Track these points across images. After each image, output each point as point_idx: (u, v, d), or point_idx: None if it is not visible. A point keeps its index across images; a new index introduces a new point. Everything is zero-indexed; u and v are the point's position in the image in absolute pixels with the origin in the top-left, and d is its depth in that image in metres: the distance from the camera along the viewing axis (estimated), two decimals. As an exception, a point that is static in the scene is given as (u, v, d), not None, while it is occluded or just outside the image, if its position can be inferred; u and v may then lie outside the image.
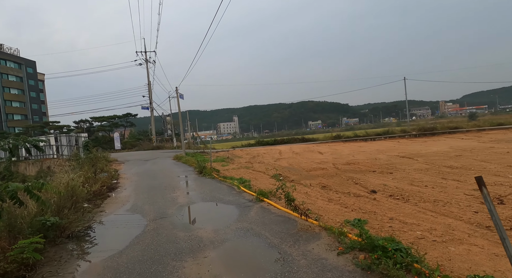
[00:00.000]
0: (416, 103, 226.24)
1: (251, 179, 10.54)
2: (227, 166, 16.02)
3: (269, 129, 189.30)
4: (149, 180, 11.88)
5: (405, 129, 30.94)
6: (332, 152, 19.24)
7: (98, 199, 8.48)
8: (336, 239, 3.89)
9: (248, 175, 12.17)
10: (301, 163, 15.21)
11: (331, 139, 30.50)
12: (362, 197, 6.93)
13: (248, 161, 17.99)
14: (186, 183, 10.85)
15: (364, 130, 33.22)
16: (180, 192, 8.82)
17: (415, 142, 21.24)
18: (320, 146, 24.17)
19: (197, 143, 44.78)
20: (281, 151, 21.76)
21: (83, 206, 7.44)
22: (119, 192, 9.71)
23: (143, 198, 8.26)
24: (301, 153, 19.99)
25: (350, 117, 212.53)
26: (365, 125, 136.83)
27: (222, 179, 10.63)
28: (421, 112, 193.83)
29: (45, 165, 28.30)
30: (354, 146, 22.18)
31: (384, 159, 13.91)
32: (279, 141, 31.25)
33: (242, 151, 24.64)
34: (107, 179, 12.37)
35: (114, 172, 15.70)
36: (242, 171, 13.57)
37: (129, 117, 48.16)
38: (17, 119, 55.31)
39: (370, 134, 30.49)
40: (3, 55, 54.83)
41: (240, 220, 5.32)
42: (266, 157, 19.48)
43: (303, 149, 22.10)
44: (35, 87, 61.02)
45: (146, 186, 10.35)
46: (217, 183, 9.88)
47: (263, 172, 13.08)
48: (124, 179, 13.22)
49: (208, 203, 7.15)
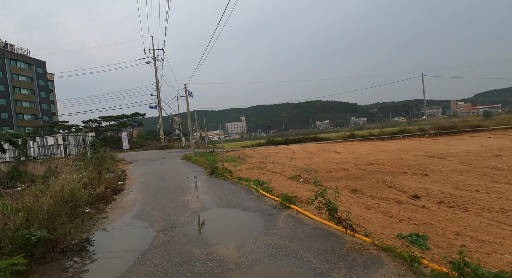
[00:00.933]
0: (427, 102, 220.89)
1: (269, 181, 9.60)
2: (239, 167, 15.12)
3: (277, 128, 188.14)
4: (157, 181, 11.05)
5: (423, 128, 29.47)
6: (350, 151, 18.12)
7: (102, 202, 7.67)
8: (408, 267, 2.90)
9: (264, 176, 11.22)
10: (318, 163, 14.18)
11: (344, 138, 29.30)
12: (406, 203, 5.90)
13: (261, 161, 17.04)
14: (197, 185, 9.96)
15: (379, 129, 31.86)
16: (192, 195, 7.93)
17: (438, 141, 19.91)
18: (335, 145, 23.03)
19: (205, 143, 44.12)
20: (294, 151, 20.74)
21: (84, 212, 6.63)
22: (125, 194, 8.89)
23: (151, 202, 7.40)
24: (316, 153, 18.93)
25: (358, 116, 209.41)
26: (374, 124, 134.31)
27: (237, 180, 9.71)
28: (431, 111, 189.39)
29: (53, 165, 27.97)
30: (372, 145, 20.97)
31: (411, 159, 12.76)
32: (290, 140, 30.21)
33: (253, 150, 23.71)
34: (113, 180, 11.61)
35: (121, 172, 14.99)
36: (256, 172, 12.63)
37: (137, 117, 47.81)
38: (27, 119, 55.71)
39: (386, 133, 29.15)
40: (14, 56, 55.29)
41: (268, 233, 4.36)
42: (279, 157, 18.50)
43: (317, 149, 21.02)
44: (44, 87, 61.43)
45: (154, 188, 9.52)
46: (232, 185, 8.95)
47: (279, 173, 12.12)
48: (131, 180, 12.45)
49: (224, 209, 6.22)
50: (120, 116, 47.48)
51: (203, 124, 69.62)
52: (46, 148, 30.00)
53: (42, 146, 30.23)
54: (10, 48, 55.41)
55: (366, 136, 28.99)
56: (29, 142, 30.58)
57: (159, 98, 35.29)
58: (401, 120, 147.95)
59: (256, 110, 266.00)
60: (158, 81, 35.47)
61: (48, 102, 62.10)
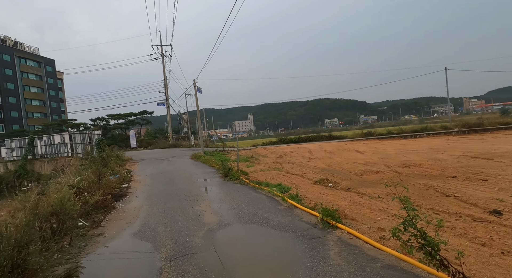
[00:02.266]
0: (438, 99, 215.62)
1: (291, 185, 8.27)
2: (253, 167, 13.84)
3: (285, 127, 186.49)
4: (165, 185, 9.86)
5: (445, 125, 27.55)
6: (373, 151, 16.60)
7: (100, 212, 6.48)
8: None
9: (285, 179, 9.90)
10: (341, 164, 12.76)
11: (361, 136, 27.68)
12: (489, 222, 4.47)
13: (276, 161, 15.72)
14: (210, 189, 8.70)
15: (397, 127, 30.07)
16: (205, 204, 6.66)
17: (471, 140, 18.17)
18: (354, 144, 21.48)
19: (213, 141, 43.03)
20: (310, 150, 19.32)
21: (77, 226, 5.45)
22: (128, 201, 7.70)
23: (158, 213, 6.17)
24: (336, 152, 17.48)
25: (367, 114, 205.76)
26: (384, 122, 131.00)
27: (256, 185, 8.41)
28: (443, 109, 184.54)
29: (59, 164, 27.32)
30: (396, 144, 19.36)
31: (451, 160, 11.21)
32: (304, 139, 28.77)
33: (266, 149, 22.39)
34: (116, 183, 10.47)
35: (127, 173, 13.92)
36: (274, 174, 11.32)
37: (145, 115, 47.09)
38: (37, 117, 55.78)
39: (406, 131, 27.38)
40: (24, 54, 55.35)
41: (321, 274, 3.03)
42: (296, 157, 17.13)
43: (336, 148, 19.55)
44: (54, 86, 61.48)
45: (161, 194, 8.31)
46: (251, 192, 7.65)
47: (301, 175, 10.76)
48: (136, 182, 11.31)
49: (249, 226, 4.92)
50: (128, 114, 46.83)
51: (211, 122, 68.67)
52: (53, 147, 29.32)
53: (49, 145, 29.58)
54: (20, 47, 55.49)
55: (385, 134, 27.30)
56: (36, 140, 29.98)
57: (167, 96, 34.31)
58: (411, 118, 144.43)
59: (264, 109, 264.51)
60: (166, 77, 34.47)
61: (57, 100, 62.16)
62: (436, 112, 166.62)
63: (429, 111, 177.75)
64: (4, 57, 51.23)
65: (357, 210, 5.59)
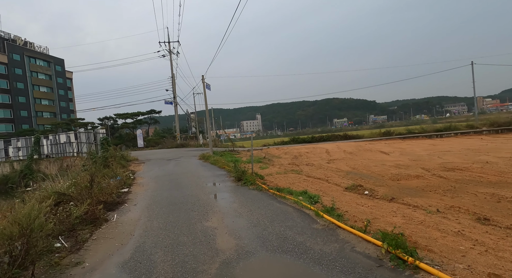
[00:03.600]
0: (450, 99, 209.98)
1: (319, 193, 6.86)
2: (267, 169, 12.46)
3: (293, 127, 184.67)
4: (170, 190, 8.58)
5: (472, 124, 25.53)
6: (400, 151, 14.99)
7: (87, 227, 5.21)
8: None
9: (307, 185, 8.48)
10: (369, 167, 11.26)
11: (379, 135, 25.97)
12: None
13: (292, 163, 14.30)
14: (222, 197, 7.35)
15: (419, 126, 28.20)
16: (217, 218, 5.32)
17: (510, 140, 16.31)
18: (374, 144, 19.84)
19: (221, 141, 41.86)
20: (328, 150, 17.80)
21: (52, 247, 4.18)
22: (124, 211, 6.43)
23: (158, 230, 4.86)
24: (357, 153, 15.92)
25: (377, 114, 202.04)
26: (395, 122, 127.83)
27: (276, 192, 7.01)
28: (456, 109, 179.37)
29: (65, 163, 26.58)
30: (423, 144, 17.65)
31: (503, 163, 9.56)
32: (317, 138, 27.22)
33: (278, 150, 20.97)
34: (115, 188, 9.26)
35: (130, 175, 12.75)
36: (293, 178, 9.90)
37: (153, 114, 46.34)
38: (46, 117, 55.78)
39: (428, 130, 25.50)
40: (33, 53, 55.44)
41: None
42: (313, 158, 15.67)
43: (355, 148, 17.97)
44: (63, 85, 61.51)
45: (165, 202, 7.01)
46: (272, 201, 6.26)
47: (325, 180, 9.32)
48: (138, 185, 10.09)
49: (280, 258, 3.52)
50: (135, 114, 46.18)
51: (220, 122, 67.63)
52: (59, 146, 28.60)
53: (54, 144, 28.87)
54: (29, 46, 55.62)
55: (405, 134, 25.52)
56: (42, 139, 29.34)
57: (175, 94, 33.28)
58: (423, 118, 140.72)
59: (272, 108, 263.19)
60: (173, 75, 33.45)
61: (66, 100, 62.17)
62: (449, 112, 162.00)
63: (441, 110, 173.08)
64: (14, 57, 51.33)
65: (421, 232, 4.14)
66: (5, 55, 49.82)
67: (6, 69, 49.84)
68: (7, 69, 49.97)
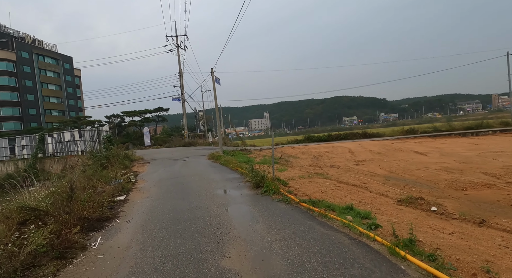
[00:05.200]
0: (463, 96, 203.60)
1: (363, 206, 5.16)
2: (287, 172, 10.78)
3: (302, 125, 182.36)
4: (174, 200, 7.01)
5: (507, 121, 23.17)
6: (437, 151, 13.08)
7: (52, 262, 3.65)
8: None
9: (343, 194, 6.78)
10: (410, 170, 9.45)
11: (402, 134, 23.95)
12: None
13: (313, 164, 12.58)
14: (241, 214, 5.66)
15: (446, 123, 26.00)
16: (238, 252, 3.67)
17: None
18: (402, 143, 17.89)
19: (230, 139, 40.33)
20: (351, 150, 15.98)
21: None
22: (112, 232, 4.87)
23: (151, 271, 3.26)
24: (386, 153, 14.05)
25: (388, 112, 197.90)
26: (406, 120, 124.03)
27: (311, 207, 5.31)
28: (470, 106, 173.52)
29: (69, 162, 25.53)
30: (461, 143, 15.64)
31: None
32: (334, 136, 25.35)
33: (294, 149, 19.25)
34: (108, 195, 7.76)
35: (131, 177, 11.28)
36: (322, 184, 8.20)
37: (160, 112, 45.13)
38: (55, 115, 55.43)
39: (457, 127, 23.31)
40: (42, 51, 55.08)
41: None
42: (336, 158, 13.91)
43: (382, 147, 16.08)
44: (71, 83, 61.12)
45: (166, 218, 5.43)
46: (311, 222, 4.56)
47: (363, 187, 7.59)
48: (138, 192, 8.57)
49: None
50: (143, 111, 45.06)
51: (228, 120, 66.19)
52: (63, 144, 27.54)
53: (59, 142, 27.84)
54: (38, 44, 55.28)
55: (431, 132, 23.40)
56: (47, 137, 28.36)
57: (183, 90, 31.88)
58: (435, 116, 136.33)
59: (280, 107, 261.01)
60: (181, 71, 32.03)
61: (75, 97, 61.80)
62: (462, 110, 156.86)
63: (454, 108, 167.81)
64: (22, 54, 51.01)
65: None
66: (13, 53, 49.50)
67: (14, 66, 49.54)
68: (16, 66, 49.66)
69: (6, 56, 48.51)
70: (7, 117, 48.29)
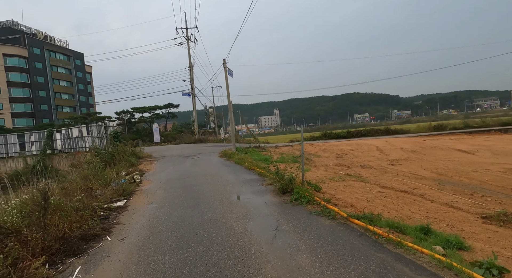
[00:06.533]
0: (480, 93, 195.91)
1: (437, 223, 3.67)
2: (311, 172, 9.33)
3: (312, 122, 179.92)
4: (182, 208, 5.67)
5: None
6: (486, 149, 11.29)
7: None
8: None
9: (396, 203, 5.29)
10: (465, 173, 7.83)
11: (430, 130, 21.99)
12: None
13: (340, 164, 11.05)
14: (271, 234, 4.23)
15: (479, 119, 23.84)
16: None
17: None
18: (436, 139, 16.06)
19: (241, 136, 39.03)
20: (379, 148, 14.32)
21: None
22: (98, 258, 3.55)
23: None
24: (423, 152, 12.34)
25: (401, 109, 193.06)
26: (422, 117, 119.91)
27: (367, 226, 3.85)
28: (488, 103, 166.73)
29: (77, 159, 24.79)
30: (510, 140, 13.73)
31: None
32: (354, 133, 23.61)
33: (313, 146, 17.70)
34: (105, 200, 6.52)
35: (137, 176, 10.07)
36: (361, 189, 6.71)
37: (170, 107, 44.27)
38: (66, 111, 55.50)
39: (491, 124, 21.16)
40: (53, 47, 55.07)
41: None
42: (363, 157, 12.32)
43: (414, 145, 14.33)
44: (83, 79, 61.10)
45: (172, 236, 4.08)
46: (383, 256, 3.11)
47: (417, 194, 6.05)
48: (142, 195, 7.30)
49: None
50: (153, 107, 44.32)
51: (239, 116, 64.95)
52: (71, 141, 26.82)
53: (67, 138, 27.13)
54: (50, 40, 55.28)
55: (461, 128, 21.36)
56: (55, 133, 27.73)
57: (193, 84, 30.66)
58: (450, 112, 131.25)
59: (290, 104, 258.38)
60: (191, 64, 30.83)
61: (86, 94, 61.80)
62: (479, 106, 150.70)
63: (471, 105, 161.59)
64: (34, 51, 51.06)
65: None
66: (25, 49, 49.56)
67: (27, 63, 49.62)
68: (28, 63, 49.74)
69: (18, 52, 48.60)
70: (19, 113, 48.49)
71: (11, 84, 47.93)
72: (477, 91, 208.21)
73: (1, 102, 47.11)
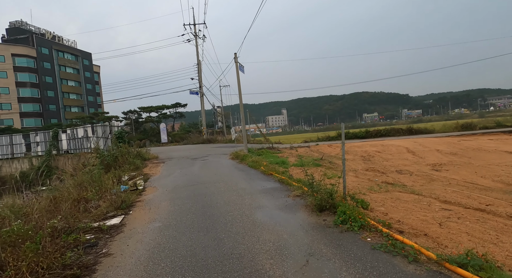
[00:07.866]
0: (493, 91, 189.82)
1: None
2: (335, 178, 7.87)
3: (320, 121, 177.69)
4: (193, 231, 4.37)
5: None
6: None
7: None
8: None
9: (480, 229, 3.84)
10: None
11: (457, 129, 20.25)
12: None
13: (370, 168, 9.61)
14: None
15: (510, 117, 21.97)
16: None
17: None
18: (474, 140, 14.41)
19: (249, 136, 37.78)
20: (410, 150, 12.77)
21: None
22: None
23: None
24: (465, 154, 10.77)
25: (411, 108, 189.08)
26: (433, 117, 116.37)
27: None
28: (502, 102, 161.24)
29: (82, 160, 23.90)
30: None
31: None
32: (373, 133, 22.02)
33: (332, 147, 16.25)
34: (99, 214, 5.29)
35: (140, 181, 8.87)
36: (416, 204, 5.30)
37: (178, 107, 43.31)
38: (74, 111, 55.26)
39: (527, 122, 19.29)
40: (62, 47, 54.90)
41: None
42: (394, 160, 10.83)
43: (450, 146, 12.74)
44: (91, 79, 60.87)
45: None
46: None
47: (498, 213, 4.59)
48: (143, 208, 6.04)
49: None
50: (160, 107, 43.44)
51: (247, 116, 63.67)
52: (77, 141, 25.97)
53: (72, 139, 26.30)
54: (58, 40, 55.14)
55: (493, 127, 19.56)
56: (60, 134, 26.95)
57: (201, 82, 29.53)
58: (462, 111, 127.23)
59: (298, 103, 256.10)
60: (199, 62, 29.70)
61: (94, 94, 61.57)
62: (493, 105, 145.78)
63: (484, 104, 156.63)
64: (43, 51, 50.91)
65: None
66: (34, 49, 49.42)
67: (35, 63, 49.47)
68: (36, 63, 49.58)
69: (26, 52, 48.48)
70: (28, 113, 48.36)
71: (20, 84, 47.83)
72: (490, 89, 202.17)
73: (10, 102, 47.05)
